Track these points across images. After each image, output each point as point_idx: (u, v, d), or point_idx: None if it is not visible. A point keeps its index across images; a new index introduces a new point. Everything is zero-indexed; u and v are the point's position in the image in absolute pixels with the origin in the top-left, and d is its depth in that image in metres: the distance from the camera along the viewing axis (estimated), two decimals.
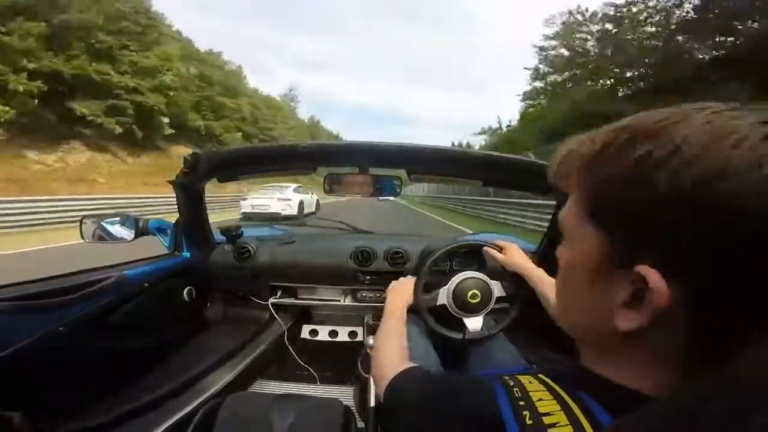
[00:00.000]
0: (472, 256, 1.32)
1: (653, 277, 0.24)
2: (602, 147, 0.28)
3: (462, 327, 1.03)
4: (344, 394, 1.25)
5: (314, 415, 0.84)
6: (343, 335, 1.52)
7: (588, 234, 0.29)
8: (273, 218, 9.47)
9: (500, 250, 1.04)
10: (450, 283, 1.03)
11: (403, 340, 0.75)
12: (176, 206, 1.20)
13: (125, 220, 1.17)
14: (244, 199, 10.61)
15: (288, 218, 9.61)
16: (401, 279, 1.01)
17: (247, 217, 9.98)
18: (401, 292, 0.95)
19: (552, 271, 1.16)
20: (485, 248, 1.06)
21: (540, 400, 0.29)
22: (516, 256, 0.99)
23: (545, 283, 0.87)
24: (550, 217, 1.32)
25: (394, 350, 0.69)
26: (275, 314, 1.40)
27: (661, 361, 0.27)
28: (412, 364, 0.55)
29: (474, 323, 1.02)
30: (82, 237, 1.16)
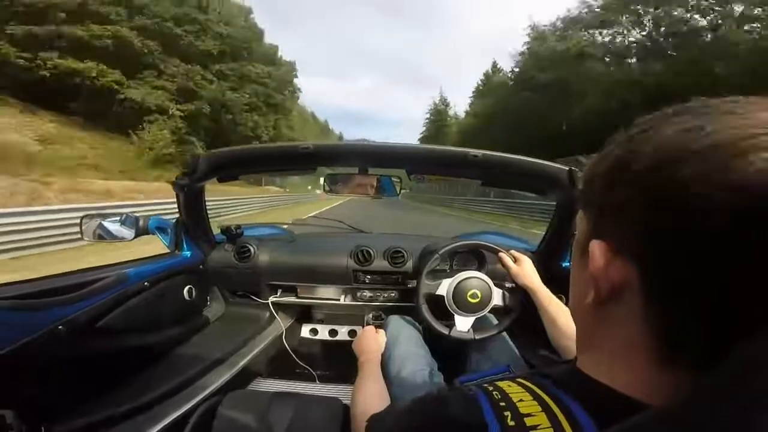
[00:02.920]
0: (472, 256, 1.33)
1: (593, 247, 0.28)
2: (598, 154, 0.31)
3: (450, 324, 1.03)
4: (344, 393, 1.25)
5: (313, 414, 0.84)
6: (342, 334, 1.53)
7: (581, 216, 0.33)
8: None
9: (514, 259, 1.04)
10: (455, 276, 1.04)
11: (382, 386, 0.75)
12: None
13: (125, 219, 1.17)
14: None
15: None
16: (365, 330, 0.99)
17: None
18: (369, 343, 0.93)
19: (551, 270, 1.17)
20: (501, 254, 1.07)
21: (520, 401, 0.29)
22: (527, 270, 1.00)
23: (551, 303, 0.88)
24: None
25: (372, 395, 0.69)
26: (275, 313, 1.40)
27: (630, 350, 0.27)
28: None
29: (463, 323, 1.03)
30: (83, 236, 1.16)
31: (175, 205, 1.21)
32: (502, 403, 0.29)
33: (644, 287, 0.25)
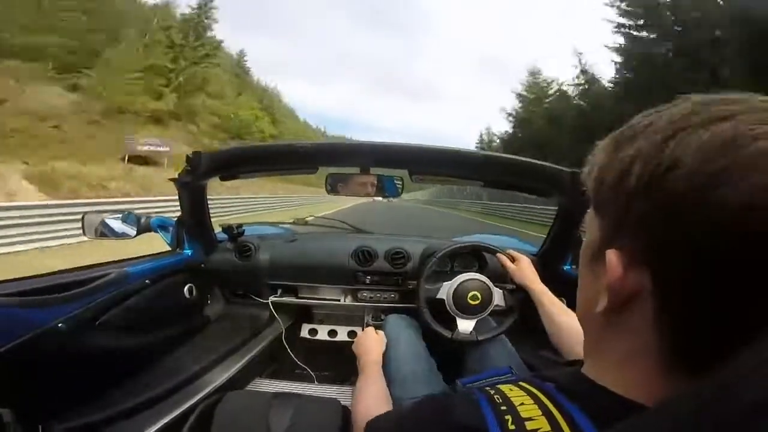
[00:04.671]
0: (473, 257, 1.32)
1: (610, 256, 0.27)
2: (602, 148, 0.30)
3: (453, 327, 1.03)
4: (342, 394, 1.24)
5: (312, 414, 0.84)
6: (342, 335, 1.52)
7: (592, 220, 0.31)
8: None
9: (512, 259, 1.04)
10: (455, 279, 1.04)
11: (383, 387, 0.75)
12: None
13: (127, 217, 1.17)
14: None
15: None
16: (366, 331, 0.98)
17: None
18: (370, 344, 0.93)
19: (552, 273, 1.16)
20: (499, 255, 1.07)
21: (521, 404, 0.29)
22: (526, 269, 0.99)
23: (550, 302, 0.87)
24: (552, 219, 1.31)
25: (373, 397, 0.69)
26: (275, 313, 1.40)
27: (640, 357, 0.27)
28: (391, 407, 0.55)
29: (466, 325, 1.03)
30: (84, 233, 1.16)
31: None
32: (503, 407, 0.29)
33: (658, 296, 0.25)
